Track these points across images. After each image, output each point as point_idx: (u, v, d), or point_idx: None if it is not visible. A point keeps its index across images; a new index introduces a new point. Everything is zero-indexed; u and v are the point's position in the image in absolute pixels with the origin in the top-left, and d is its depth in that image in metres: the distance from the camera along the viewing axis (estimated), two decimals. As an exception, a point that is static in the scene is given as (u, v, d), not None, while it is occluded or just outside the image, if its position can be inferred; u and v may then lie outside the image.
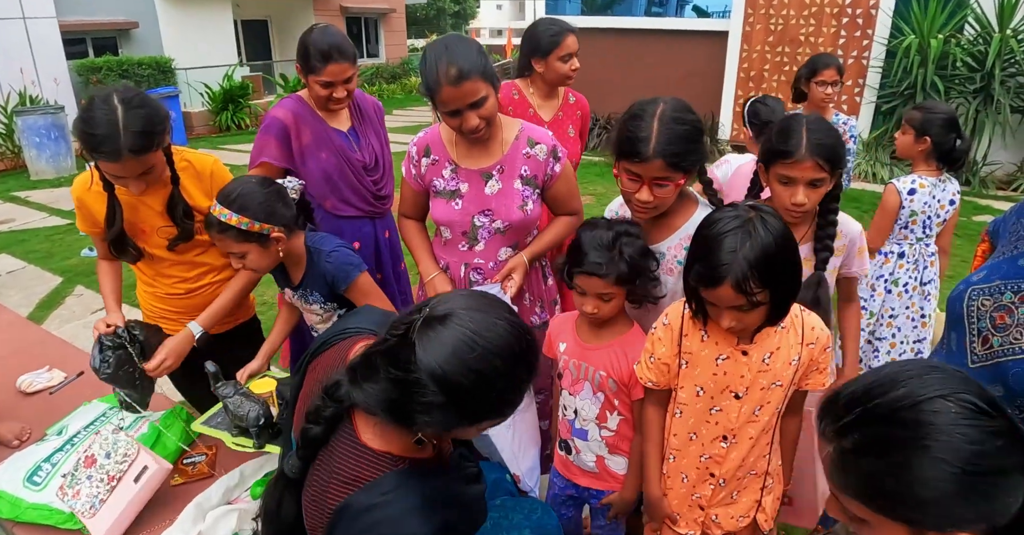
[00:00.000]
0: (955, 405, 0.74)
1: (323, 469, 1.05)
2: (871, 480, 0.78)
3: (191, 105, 12.01)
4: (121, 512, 1.57)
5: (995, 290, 1.27)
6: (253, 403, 1.69)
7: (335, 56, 2.16)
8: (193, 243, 2.02)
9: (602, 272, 1.57)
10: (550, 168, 1.93)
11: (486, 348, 0.94)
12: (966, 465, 0.72)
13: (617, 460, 1.78)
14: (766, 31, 8.58)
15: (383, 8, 18.33)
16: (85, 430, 1.86)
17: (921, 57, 7.26)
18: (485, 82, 1.72)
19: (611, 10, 11.71)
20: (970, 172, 7.42)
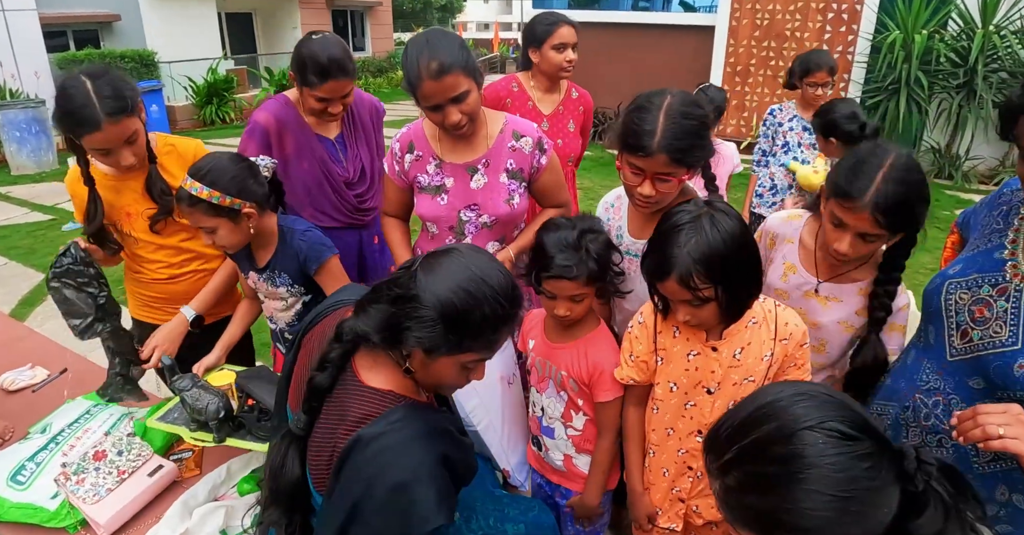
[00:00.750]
0: (822, 435, 0.78)
1: (331, 416, 1.12)
2: (757, 514, 0.82)
3: (175, 99, 11.90)
4: (129, 502, 1.58)
5: (973, 283, 1.28)
6: (212, 396, 1.67)
7: (335, 73, 2.03)
8: (178, 227, 2.03)
9: (572, 274, 1.53)
10: (536, 161, 1.93)
11: (480, 277, 1.07)
12: (839, 492, 0.76)
13: (585, 459, 1.77)
14: (752, 26, 8.60)
15: (369, 1, 18.21)
16: (69, 428, 1.84)
17: (905, 53, 7.31)
18: (467, 77, 1.70)
19: (599, 4, 11.69)
20: (953, 167, 7.51)
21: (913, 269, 4.97)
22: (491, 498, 1.50)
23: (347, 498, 1.03)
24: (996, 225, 1.34)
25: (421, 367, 1.11)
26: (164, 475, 1.66)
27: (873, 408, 1.54)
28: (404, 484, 1.01)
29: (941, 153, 7.67)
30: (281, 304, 1.95)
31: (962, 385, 1.29)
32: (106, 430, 1.82)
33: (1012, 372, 1.19)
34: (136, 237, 2.01)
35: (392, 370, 1.14)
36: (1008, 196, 1.37)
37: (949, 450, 1.31)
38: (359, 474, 1.03)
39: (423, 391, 1.20)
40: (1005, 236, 1.30)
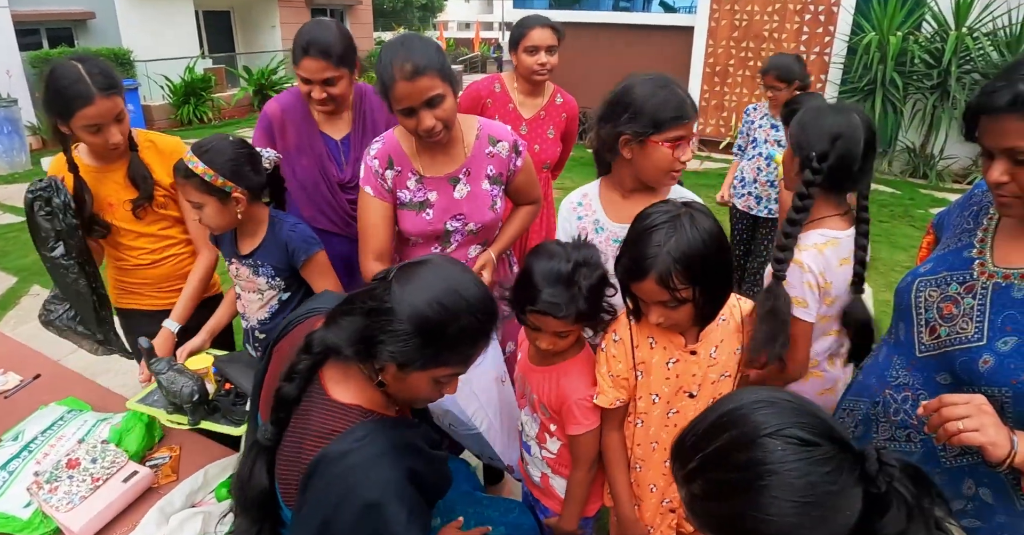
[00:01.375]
0: (781, 442, 0.79)
1: (297, 429, 1.10)
2: (722, 521, 0.84)
3: (151, 98, 11.72)
4: (103, 509, 1.56)
5: (942, 281, 1.30)
6: (187, 379, 1.69)
7: (311, 51, 1.99)
8: (158, 216, 2.09)
9: (560, 313, 1.40)
10: (513, 164, 1.93)
11: (456, 290, 1.06)
12: (801, 497, 0.77)
13: (560, 482, 1.71)
14: (731, 27, 8.67)
15: (349, 0, 18.09)
16: (42, 435, 1.81)
17: (881, 54, 7.41)
18: (443, 80, 1.65)
19: (579, 4, 11.71)
20: (927, 166, 7.63)
21: (888, 267, 5.05)
22: (471, 500, 1.50)
23: (316, 517, 1.02)
24: (967, 225, 1.36)
25: (394, 381, 1.10)
26: (139, 481, 1.64)
27: (844, 404, 1.56)
28: (374, 503, 1.00)
29: (916, 153, 7.79)
30: (256, 297, 1.94)
31: (930, 381, 1.31)
32: (80, 437, 1.80)
33: (977, 368, 1.21)
34: (118, 226, 2.07)
35: (361, 383, 1.12)
36: (979, 196, 1.39)
37: (918, 445, 1.33)
38: (327, 493, 1.02)
39: (393, 404, 1.18)
40: (975, 235, 1.32)
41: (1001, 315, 1.20)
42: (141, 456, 1.79)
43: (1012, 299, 1.20)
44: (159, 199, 2.07)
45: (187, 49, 12.87)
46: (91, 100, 1.81)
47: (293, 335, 1.26)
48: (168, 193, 2.09)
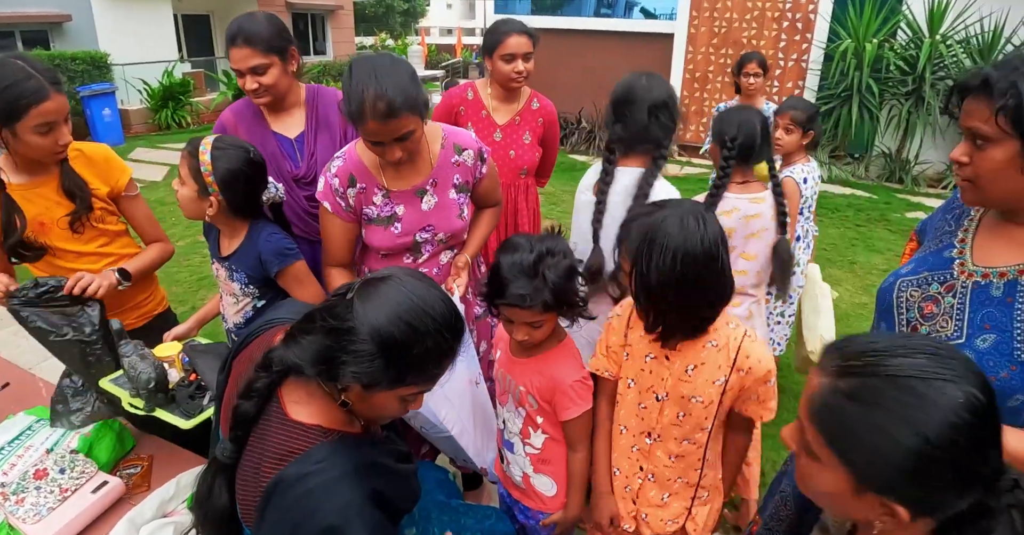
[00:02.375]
0: (963, 396, 0.77)
1: (255, 449, 1.06)
2: (848, 423, 0.81)
3: (128, 102, 11.58)
4: (71, 520, 1.53)
5: (923, 281, 1.32)
6: (147, 365, 1.66)
7: (238, 40, 1.99)
8: (97, 231, 1.98)
9: (526, 303, 1.45)
10: (478, 171, 1.94)
11: (420, 306, 1.02)
12: (942, 452, 0.76)
13: (543, 480, 1.72)
14: (710, 33, 8.76)
15: (330, 4, 18.03)
16: (9, 445, 1.77)
17: (857, 61, 7.52)
18: (415, 115, 1.63)
19: (560, 10, 11.77)
20: (903, 171, 7.74)
21: (865, 270, 5.11)
22: (447, 509, 1.48)
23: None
24: (948, 227, 1.38)
25: (358, 401, 1.06)
26: (109, 492, 1.61)
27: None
28: (333, 528, 0.95)
29: (892, 158, 7.90)
30: (232, 301, 1.93)
31: None
32: (48, 447, 1.76)
33: None
34: (54, 247, 1.92)
35: (321, 402, 1.08)
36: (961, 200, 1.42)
37: None
38: (284, 518, 0.98)
39: (358, 420, 1.15)
40: (955, 236, 1.34)
41: (980, 313, 1.21)
42: (112, 466, 1.76)
43: (991, 297, 1.21)
44: (96, 212, 1.94)
45: (165, 53, 12.75)
46: (46, 96, 1.71)
47: (252, 348, 1.22)
48: (105, 205, 1.98)
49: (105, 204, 1.99)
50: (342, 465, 1.01)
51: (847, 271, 5.09)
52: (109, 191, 1.98)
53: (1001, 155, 1.10)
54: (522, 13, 11.37)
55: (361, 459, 1.05)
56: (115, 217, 2.04)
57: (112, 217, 2.03)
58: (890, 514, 0.80)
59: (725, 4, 8.55)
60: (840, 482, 0.82)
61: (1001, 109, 1.07)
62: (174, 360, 1.76)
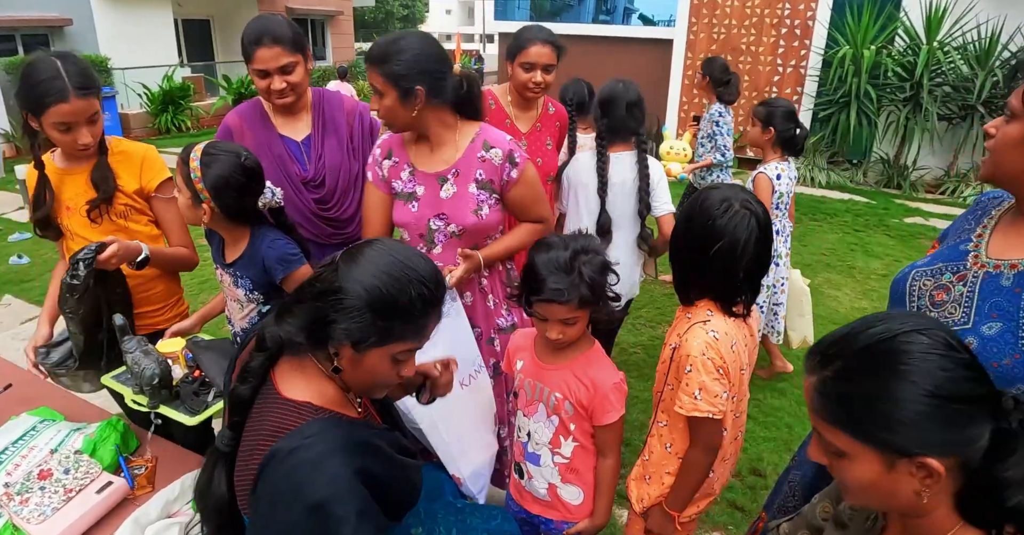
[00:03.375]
0: (928, 338, 0.83)
1: (251, 433, 1.08)
2: (849, 403, 0.85)
3: (128, 106, 11.61)
4: (75, 521, 1.52)
5: (936, 271, 1.34)
6: (151, 361, 1.66)
7: (265, 40, 2.00)
8: (115, 226, 2.00)
9: (563, 298, 1.48)
10: (506, 174, 1.90)
11: (401, 260, 1.08)
12: (937, 389, 0.80)
13: (570, 490, 1.70)
14: (709, 40, 8.80)
15: (330, 10, 18.08)
16: (13, 445, 1.77)
17: (855, 67, 7.56)
18: (383, 78, 1.75)
19: (559, 17, 11.83)
20: (901, 177, 7.77)
21: (864, 275, 5.12)
22: (452, 509, 1.48)
23: (265, 521, 0.99)
24: (967, 225, 1.41)
25: (351, 366, 1.08)
26: (113, 492, 1.61)
27: None
28: (321, 503, 0.96)
29: (890, 163, 7.93)
30: (238, 306, 1.93)
31: None
32: (52, 448, 1.75)
33: None
34: (73, 232, 2.00)
35: (313, 379, 1.10)
36: (984, 202, 1.45)
37: None
38: (274, 494, 0.99)
39: (355, 402, 1.16)
40: (974, 232, 1.37)
41: (988, 302, 1.23)
42: (116, 466, 1.76)
43: (1000, 287, 1.23)
44: (118, 206, 1.98)
45: (165, 57, 12.77)
46: (66, 98, 1.76)
47: (252, 346, 1.23)
48: (131, 202, 2.01)
49: (131, 200, 2.01)
50: (332, 440, 1.02)
51: (846, 276, 5.10)
52: (138, 189, 2.00)
53: (1016, 131, 1.14)
54: (521, 19, 11.42)
55: (352, 437, 1.06)
56: (144, 217, 2.05)
57: (140, 216, 2.04)
58: (928, 474, 0.81)
59: (724, 11, 8.59)
60: (873, 465, 0.84)
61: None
62: (178, 356, 1.76)
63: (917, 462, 0.81)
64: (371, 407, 1.28)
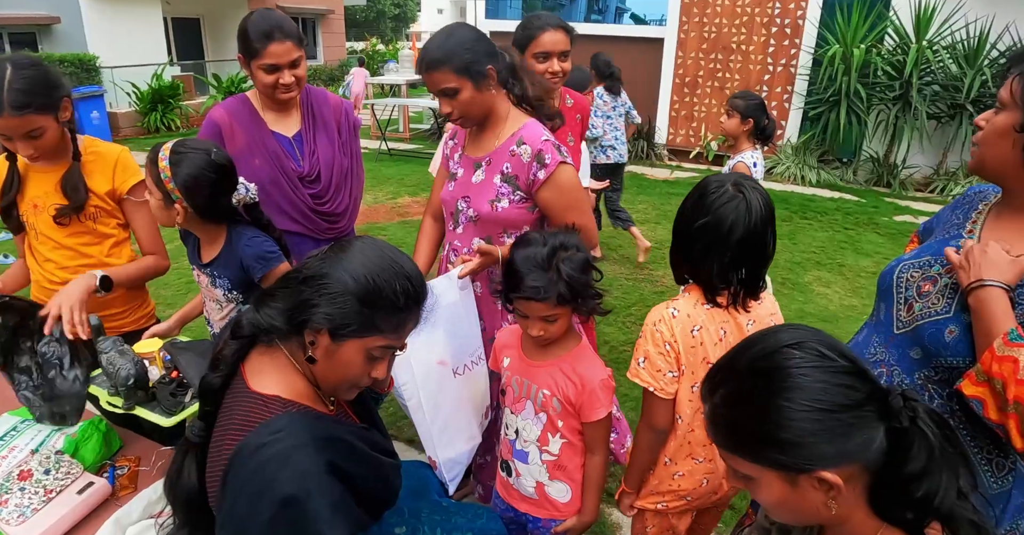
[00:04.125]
0: (800, 351, 0.84)
1: (220, 426, 1.07)
2: (739, 428, 0.87)
3: (117, 105, 11.52)
4: (56, 522, 1.50)
5: (924, 264, 1.35)
6: (126, 361, 1.62)
7: (276, 35, 2.01)
8: (83, 228, 1.97)
9: (540, 296, 1.47)
10: (532, 173, 1.85)
11: (389, 256, 1.09)
12: (816, 403, 0.81)
13: (558, 487, 1.69)
14: (700, 39, 8.81)
15: (321, 9, 18.02)
16: (-7, 445, 1.75)
17: (845, 66, 7.58)
18: (457, 75, 1.78)
19: (551, 15, 11.80)
20: (891, 175, 7.80)
21: (854, 273, 5.14)
22: (437, 508, 1.47)
23: (234, 518, 0.97)
24: (956, 220, 1.42)
25: (325, 355, 1.07)
26: (95, 493, 1.59)
27: None
28: (291, 498, 0.95)
29: (879, 162, 7.96)
30: (216, 307, 1.91)
31: (904, 356, 1.34)
32: (33, 448, 1.73)
33: (943, 338, 1.24)
34: (38, 230, 1.96)
35: (284, 372, 1.09)
36: (971, 196, 1.45)
37: None
38: (242, 490, 0.97)
39: (326, 398, 1.14)
40: (964, 227, 1.38)
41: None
42: (98, 467, 1.74)
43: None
44: (88, 208, 1.94)
45: (155, 56, 12.70)
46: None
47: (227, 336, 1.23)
48: (101, 204, 1.97)
49: (102, 202, 1.97)
50: (300, 435, 1.01)
51: (836, 274, 5.12)
52: (110, 190, 1.97)
53: (1003, 121, 1.16)
54: (513, 18, 11.41)
55: (322, 432, 1.05)
56: (113, 220, 2.02)
57: (109, 218, 2.00)
58: (829, 487, 0.82)
59: (715, 10, 8.61)
60: (777, 484, 0.85)
61: (1020, 76, 1.12)
62: (155, 357, 1.73)
63: (815, 477, 0.82)
64: (347, 406, 1.27)
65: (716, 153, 8.83)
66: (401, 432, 2.98)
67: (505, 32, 2.71)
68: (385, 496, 1.15)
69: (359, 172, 2.37)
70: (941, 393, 1.28)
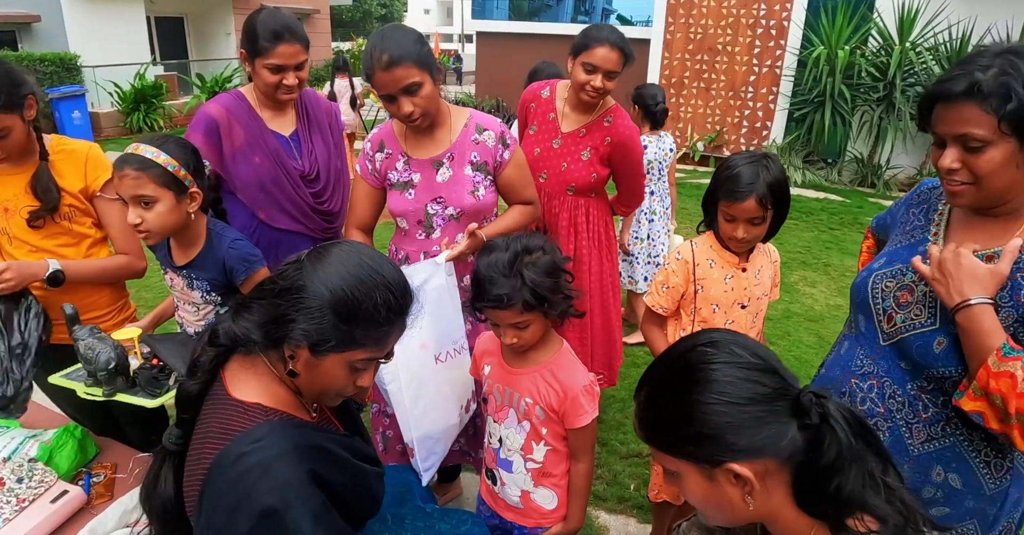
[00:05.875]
0: (713, 349, 0.89)
1: (199, 434, 1.04)
2: (658, 423, 0.91)
3: (99, 105, 11.38)
4: (29, 531, 1.46)
5: (898, 272, 1.34)
6: (106, 346, 1.58)
7: (286, 36, 2.00)
8: (59, 229, 1.91)
9: (504, 304, 1.43)
10: (499, 155, 1.95)
11: (369, 264, 1.04)
12: (723, 395, 0.84)
13: (543, 493, 1.65)
14: (686, 40, 8.84)
15: (306, 8, 17.92)
16: (-36, 454, 1.70)
17: (829, 67, 7.64)
18: (419, 69, 1.75)
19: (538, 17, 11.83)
20: (875, 175, 7.86)
21: (839, 272, 5.16)
22: (421, 514, 1.45)
23: (212, 530, 0.95)
24: (917, 222, 1.40)
25: (306, 369, 1.03)
26: (69, 501, 1.54)
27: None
28: (271, 510, 0.92)
29: (864, 163, 8.02)
30: (192, 309, 1.86)
31: (894, 368, 1.33)
32: (5, 456, 1.69)
33: (932, 349, 1.23)
34: (12, 235, 1.89)
35: (265, 380, 1.06)
36: (926, 194, 1.43)
37: (885, 433, 1.35)
38: (221, 501, 0.94)
39: (309, 405, 1.12)
40: (928, 230, 1.36)
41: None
42: (73, 475, 1.69)
43: None
44: (63, 208, 1.89)
45: (138, 55, 12.56)
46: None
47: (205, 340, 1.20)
48: (76, 203, 1.92)
49: (76, 201, 1.92)
50: (281, 444, 0.98)
51: (821, 274, 5.14)
52: (83, 188, 1.92)
53: (1001, 155, 1.12)
54: (500, 18, 11.41)
55: (303, 440, 1.02)
56: (88, 219, 1.97)
57: (84, 218, 1.96)
58: (744, 482, 0.85)
59: (701, 11, 8.63)
60: (697, 478, 0.89)
61: (1005, 115, 1.07)
62: (133, 346, 1.68)
63: (727, 469, 0.84)
64: (329, 412, 1.24)
65: (702, 154, 8.86)
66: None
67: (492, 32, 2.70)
68: (367, 504, 1.12)
69: (348, 173, 2.37)
70: (936, 401, 1.27)
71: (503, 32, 10.72)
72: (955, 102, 1.12)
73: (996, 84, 1.08)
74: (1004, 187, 1.17)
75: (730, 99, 8.76)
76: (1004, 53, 1.11)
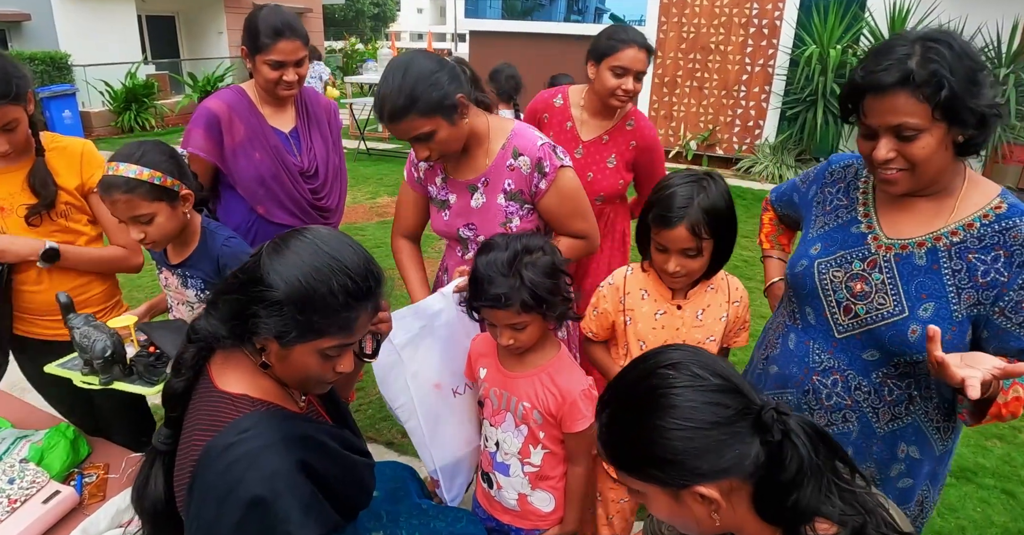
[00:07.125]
0: (674, 371, 0.88)
1: (188, 428, 1.04)
2: (622, 447, 0.91)
3: (90, 105, 11.30)
4: (20, 532, 1.45)
5: (842, 260, 1.33)
6: (102, 334, 1.57)
7: (287, 33, 2.03)
8: (56, 227, 1.91)
9: (502, 304, 1.41)
10: (535, 184, 1.77)
11: (326, 252, 1.02)
12: (686, 421, 0.84)
13: (540, 496, 1.65)
14: (679, 39, 8.85)
15: (299, 8, 17.83)
16: (-45, 454, 1.69)
17: (821, 66, 7.66)
18: (426, 118, 1.60)
19: (531, 16, 11.82)
20: (867, 175, 7.89)
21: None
22: (416, 511, 1.44)
23: (201, 521, 0.94)
24: (839, 201, 1.41)
25: (277, 360, 1.03)
26: (61, 502, 1.54)
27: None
28: (259, 499, 0.92)
29: (856, 162, 8.05)
30: (187, 309, 1.86)
31: (856, 359, 1.34)
32: (-4, 456, 1.68)
33: (907, 338, 1.25)
34: (9, 233, 1.87)
35: (249, 372, 1.06)
36: (840, 172, 1.44)
37: (855, 423, 1.38)
38: (209, 492, 0.94)
39: (296, 396, 1.12)
40: (855, 210, 1.37)
41: (912, 284, 1.25)
42: (65, 475, 1.68)
43: (916, 267, 1.25)
44: (59, 205, 1.89)
45: (129, 54, 12.48)
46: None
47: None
48: (72, 200, 1.92)
49: (72, 199, 1.92)
50: (268, 435, 0.98)
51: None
52: (79, 185, 1.92)
53: (935, 141, 1.14)
54: (493, 17, 11.40)
55: (291, 431, 1.02)
56: (84, 216, 1.97)
57: (80, 215, 1.95)
58: (710, 500, 0.85)
59: (693, 10, 8.65)
60: (663, 499, 0.89)
61: (940, 103, 1.09)
62: (130, 334, 1.67)
63: (693, 492, 0.84)
64: (318, 404, 1.24)
65: (695, 152, 8.88)
66: (380, 434, 2.94)
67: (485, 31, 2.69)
68: (358, 496, 1.12)
69: (345, 170, 2.40)
70: (900, 384, 1.31)
71: (496, 31, 10.73)
72: (887, 93, 1.13)
73: (927, 73, 1.09)
74: (937, 171, 1.19)
75: (723, 98, 8.78)
76: (921, 40, 1.12)
